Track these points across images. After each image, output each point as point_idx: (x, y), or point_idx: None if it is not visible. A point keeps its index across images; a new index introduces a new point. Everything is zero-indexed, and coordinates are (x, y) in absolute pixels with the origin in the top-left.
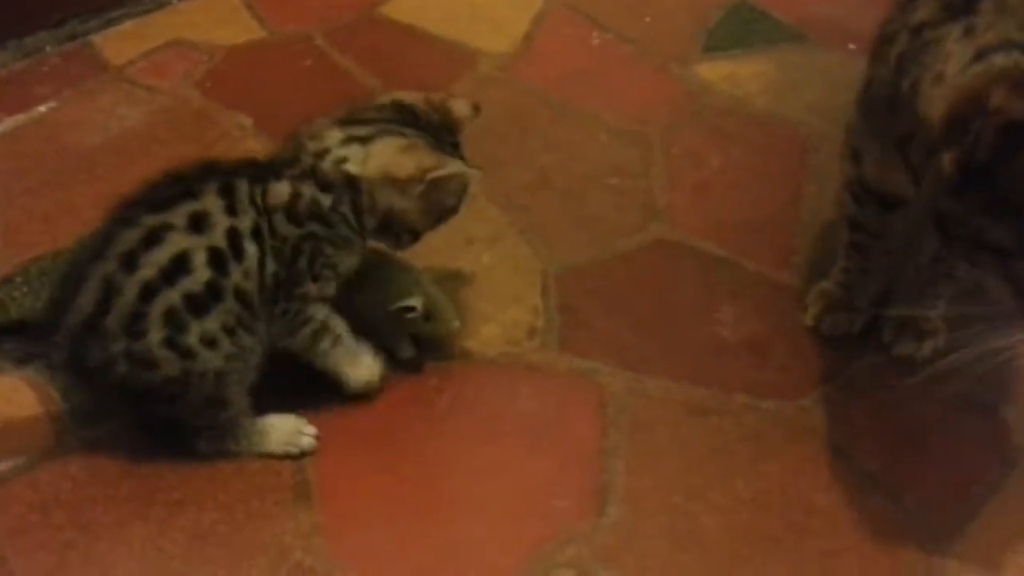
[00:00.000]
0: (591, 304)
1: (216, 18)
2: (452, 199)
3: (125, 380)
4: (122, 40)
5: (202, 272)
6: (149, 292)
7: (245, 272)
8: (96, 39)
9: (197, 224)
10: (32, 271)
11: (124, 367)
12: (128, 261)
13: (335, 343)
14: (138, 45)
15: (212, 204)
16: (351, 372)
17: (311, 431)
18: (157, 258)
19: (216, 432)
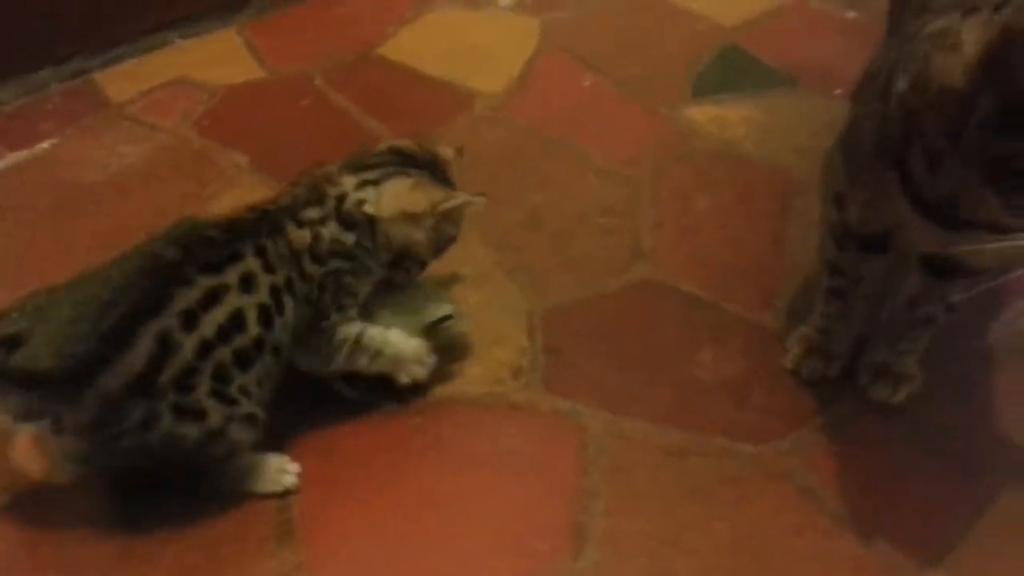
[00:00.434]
0: (576, 345)
1: (217, 57)
2: (454, 228)
3: (163, 438)
4: (124, 78)
5: (253, 329)
6: (206, 349)
7: (284, 325)
8: (98, 77)
9: (247, 284)
10: (27, 305)
11: (169, 422)
12: (188, 320)
13: (374, 357)
14: (140, 83)
15: (254, 264)
16: (402, 374)
17: (294, 468)
18: (216, 317)
19: (209, 474)
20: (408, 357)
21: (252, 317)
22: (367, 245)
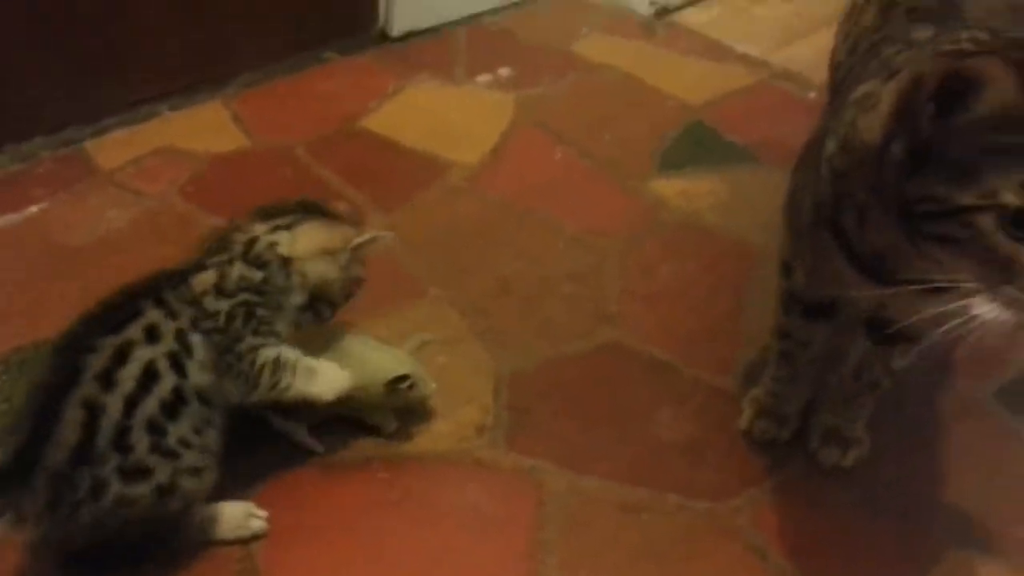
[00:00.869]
0: (540, 404)
1: (204, 128)
2: (361, 269)
3: (115, 503)
4: (114, 147)
5: (168, 378)
6: (131, 405)
7: (199, 366)
8: (89, 145)
9: (151, 335)
10: (12, 360)
11: (117, 486)
12: (106, 380)
13: (294, 371)
14: (128, 152)
15: (155, 316)
16: (320, 388)
17: (262, 514)
18: (131, 372)
19: (170, 526)
20: (319, 370)
21: (164, 366)
22: (279, 284)
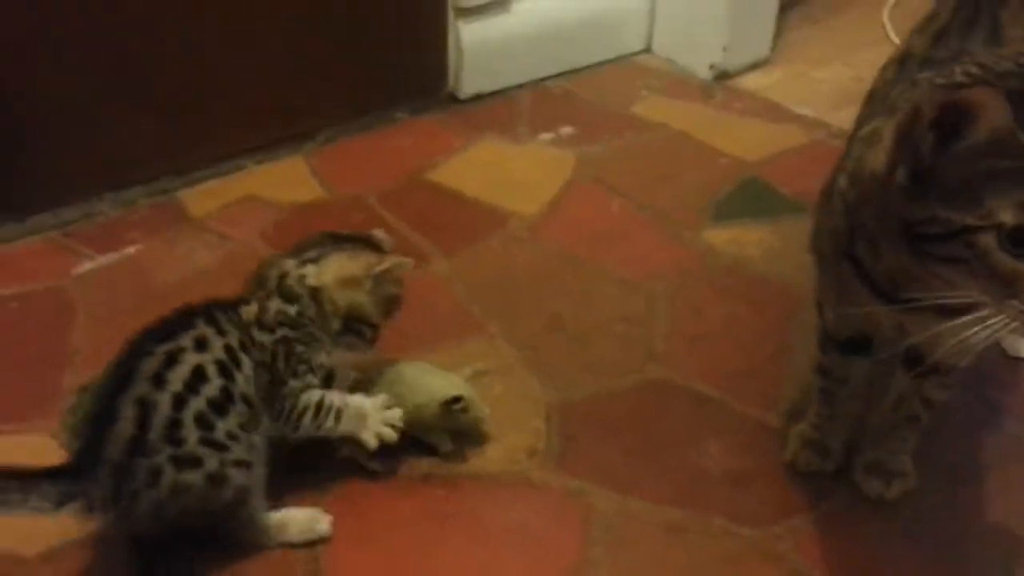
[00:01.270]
0: (588, 432)
1: (285, 180)
2: (396, 288)
3: (170, 490)
4: (204, 196)
5: (216, 380)
6: (180, 402)
7: (246, 379)
8: (181, 194)
9: (201, 345)
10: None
11: (171, 473)
12: (157, 381)
13: (338, 417)
14: (217, 200)
15: (205, 330)
16: (365, 433)
17: (327, 518)
18: (180, 374)
19: (237, 529)
20: (369, 412)
21: (212, 370)
22: (311, 316)
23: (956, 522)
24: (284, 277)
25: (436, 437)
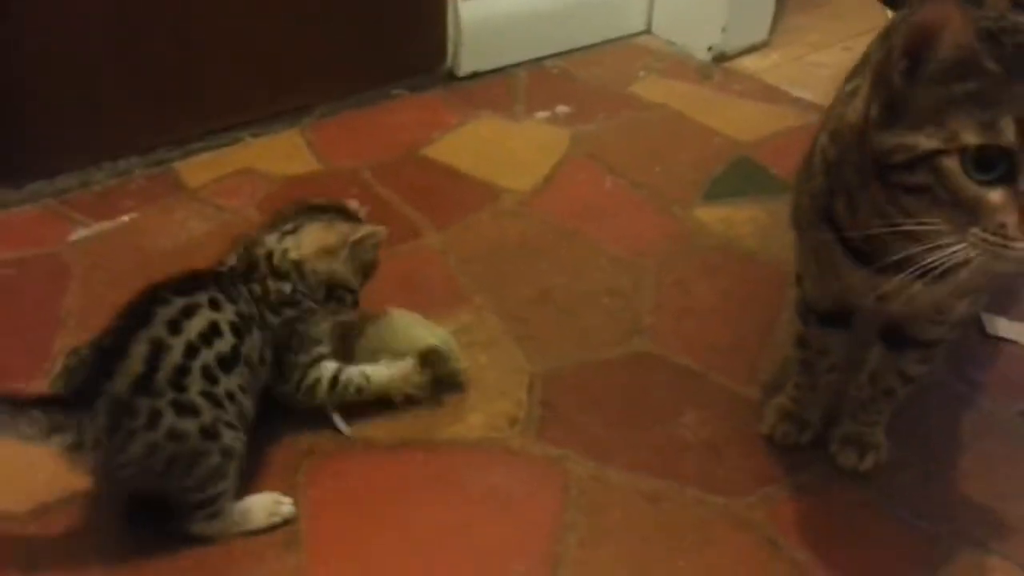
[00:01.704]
0: (570, 402)
1: (281, 153)
2: (371, 254)
3: (167, 434)
4: (200, 167)
5: (229, 337)
6: (192, 351)
7: (252, 345)
8: (177, 165)
9: (215, 304)
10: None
11: (170, 417)
12: (173, 327)
13: (360, 391)
14: (212, 172)
15: (217, 295)
16: (396, 394)
17: (287, 500)
18: (196, 325)
19: (208, 512)
20: (397, 378)
21: (226, 328)
22: (302, 289)
23: (930, 495)
24: (271, 256)
25: (414, 387)
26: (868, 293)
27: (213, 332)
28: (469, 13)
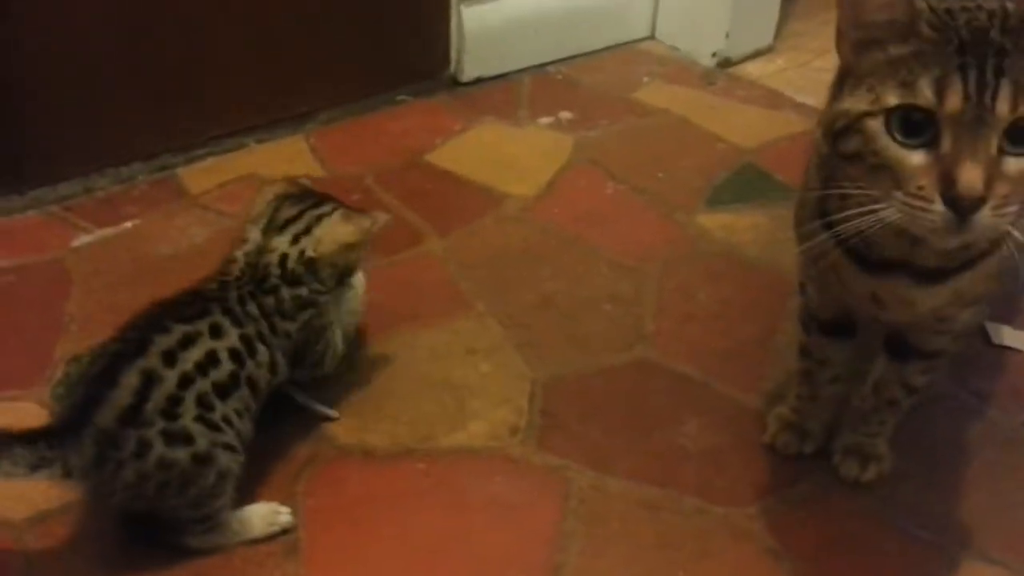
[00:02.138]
0: (570, 410)
1: (284, 158)
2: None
3: (156, 464)
4: (203, 173)
5: (227, 365)
6: (186, 380)
7: (258, 364)
8: (180, 171)
9: (216, 332)
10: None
11: (160, 448)
12: (168, 358)
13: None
14: (215, 178)
15: (221, 320)
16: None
17: (286, 509)
18: (193, 355)
19: (205, 526)
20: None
21: (224, 356)
22: (316, 287)
23: (933, 506)
24: (284, 262)
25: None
26: (867, 297)
27: (210, 362)
28: (472, 19)
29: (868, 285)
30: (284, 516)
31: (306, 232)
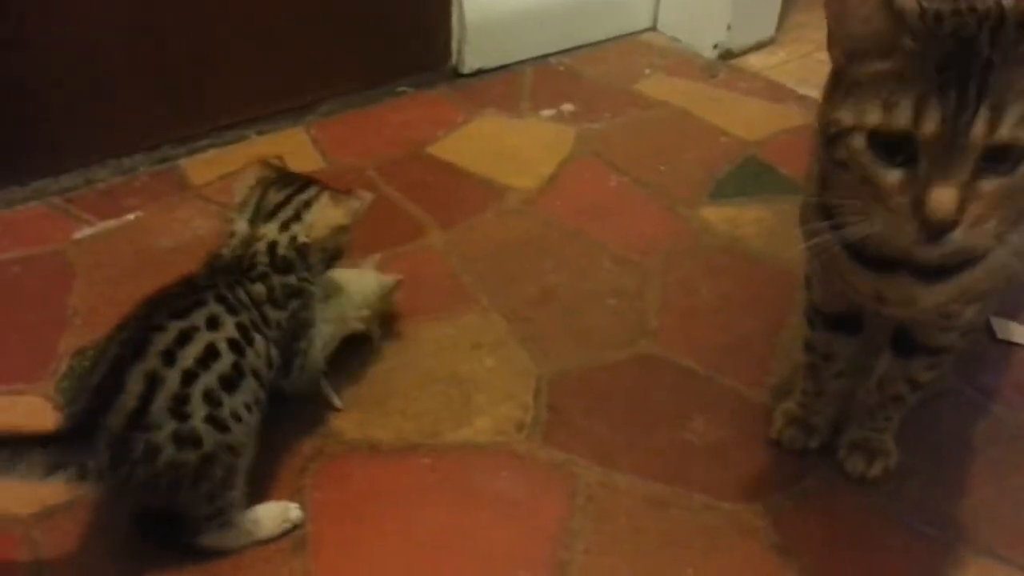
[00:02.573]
0: (576, 405)
1: (286, 150)
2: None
3: (166, 466)
4: (204, 165)
5: (228, 356)
6: (189, 377)
7: (256, 353)
8: (182, 163)
9: (213, 323)
10: (101, 345)
11: (170, 451)
12: (167, 358)
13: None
14: (217, 169)
15: (217, 309)
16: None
17: (295, 505)
18: (192, 351)
19: (219, 522)
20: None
21: (224, 348)
22: (305, 274)
23: (939, 502)
24: (273, 249)
25: (370, 327)
26: (871, 294)
27: (210, 355)
28: (474, 10)
29: (871, 282)
30: (294, 512)
31: (296, 219)
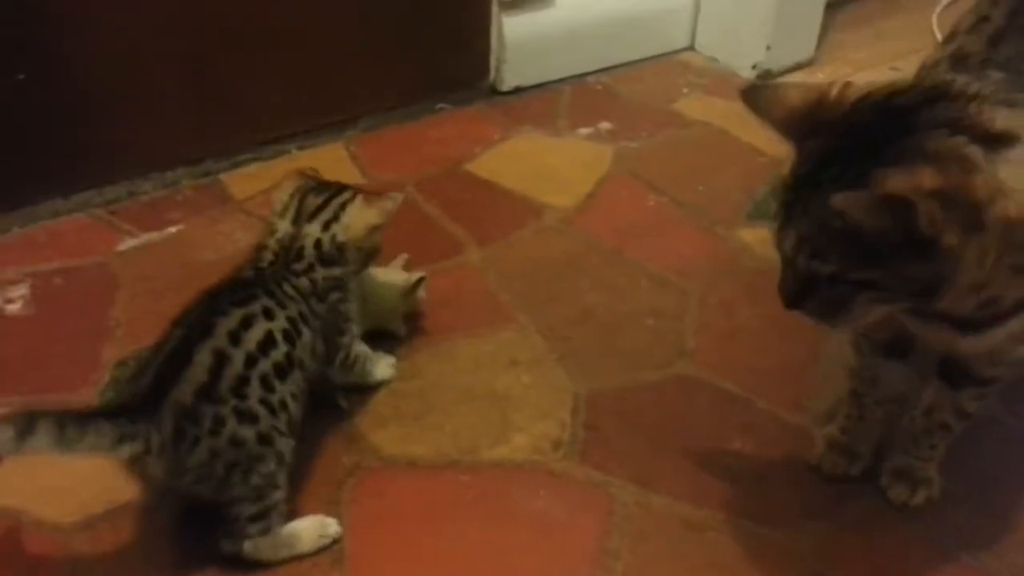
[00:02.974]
0: (613, 425)
1: (326, 166)
2: None
3: (228, 440)
4: (246, 179)
5: (282, 346)
6: (251, 360)
7: (303, 346)
8: (224, 177)
9: (268, 314)
10: (143, 356)
11: (232, 424)
12: (234, 338)
13: (365, 361)
14: (259, 184)
15: (268, 303)
16: (379, 371)
17: (333, 520)
18: (254, 335)
19: (261, 526)
20: (381, 358)
21: (280, 337)
22: (348, 270)
23: (982, 531)
24: (320, 244)
25: (396, 324)
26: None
27: (269, 342)
28: (513, 28)
29: (914, 327)
30: (333, 527)
31: (335, 219)
